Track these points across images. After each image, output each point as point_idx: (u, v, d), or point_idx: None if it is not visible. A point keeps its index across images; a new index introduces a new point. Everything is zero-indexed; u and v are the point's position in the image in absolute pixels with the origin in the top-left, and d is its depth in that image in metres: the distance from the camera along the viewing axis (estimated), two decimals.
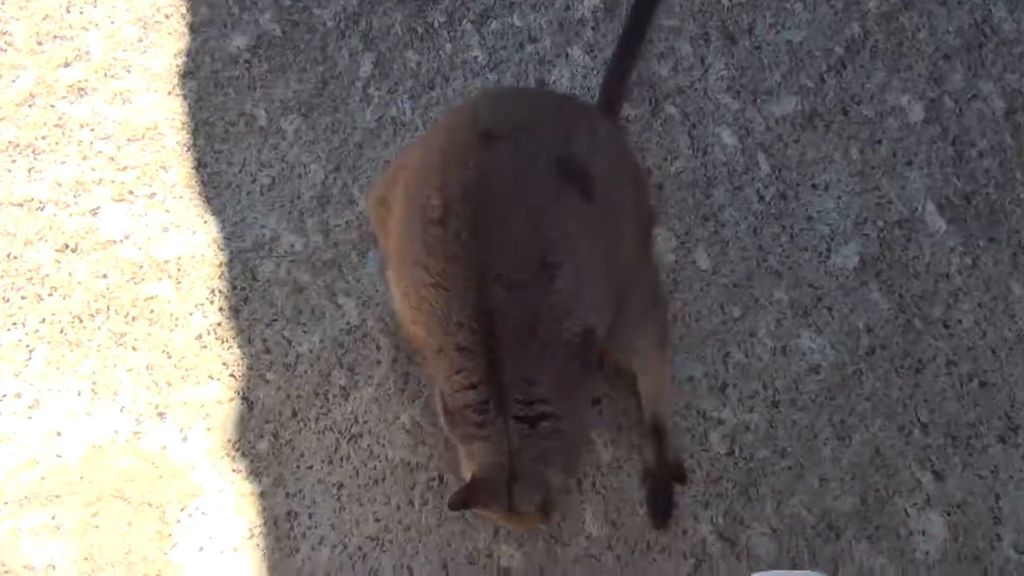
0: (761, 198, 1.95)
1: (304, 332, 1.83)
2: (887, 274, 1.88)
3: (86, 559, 1.62)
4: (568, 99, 1.86)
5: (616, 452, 1.72)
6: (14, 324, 1.83)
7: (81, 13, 2.14)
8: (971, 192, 1.96)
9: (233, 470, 1.72)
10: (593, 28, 2.12)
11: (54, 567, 1.61)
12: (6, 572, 1.60)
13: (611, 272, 1.51)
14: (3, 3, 2.14)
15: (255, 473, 1.72)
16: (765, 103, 2.04)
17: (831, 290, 1.86)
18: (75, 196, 1.95)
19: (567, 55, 2.10)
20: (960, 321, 1.84)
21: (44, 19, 2.13)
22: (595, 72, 2.07)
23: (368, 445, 1.74)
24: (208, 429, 1.75)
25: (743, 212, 1.94)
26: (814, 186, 1.96)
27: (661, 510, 1.68)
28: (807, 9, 2.13)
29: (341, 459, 1.73)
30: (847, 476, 1.72)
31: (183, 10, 2.15)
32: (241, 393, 1.78)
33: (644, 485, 1.70)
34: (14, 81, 2.06)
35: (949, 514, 1.69)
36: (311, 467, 1.72)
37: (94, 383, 1.79)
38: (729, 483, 1.71)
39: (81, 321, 1.84)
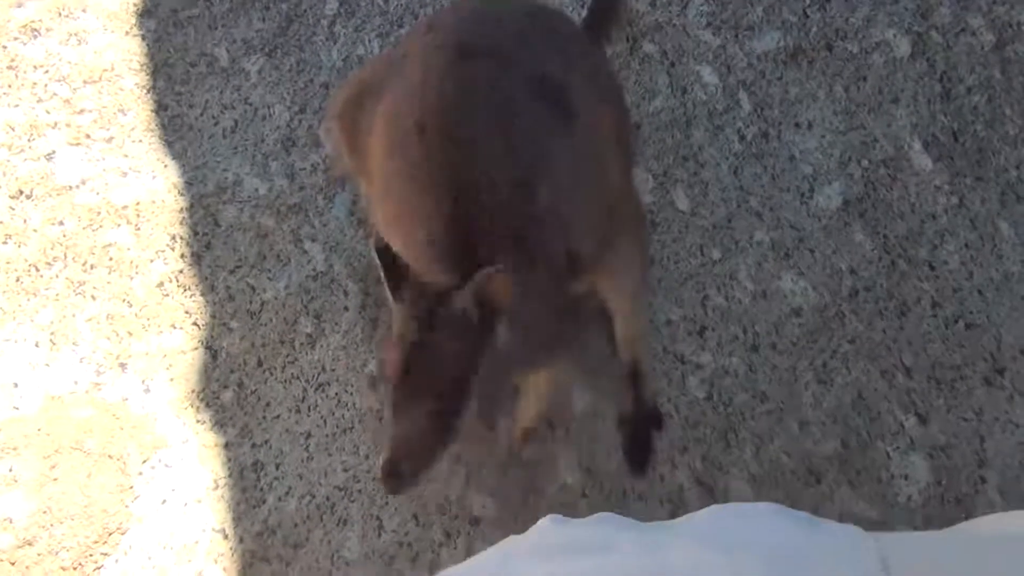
0: (742, 138, 1.89)
1: (269, 279, 1.77)
2: (871, 215, 1.82)
3: (44, 512, 1.57)
4: (544, 11, 1.70)
5: (591, 398, 1.68)
6: None
7: None
8: (958, 129, 1.89)
9: (197, 421, 1.67)
10: None
11: (11, 520, 1.56)
12: None
13: (595, 195, 1.44)
14: None
15: (220, 424, 1.67)
16: (746, 39, 1.97)
17: (813, 231, 1.81)
18: (29, 140, 1.87)
19: None
20: (946, 262, 1.79)
21: None
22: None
23: (336, 393, 1.68)
24: (171, 379, 1.70)
25: (723, 152, 1.87)
26: (797, 125, 1.90)
27: (638, 456, 1.64)
28: None
29: (308, 408, 1.68)
30: (828, 420, 1.67)
31: None
32: (204, 342, 1.72)
33: (620, 431, 1.65)
34: None
35: (932, 457, 1.65)
36: (277, 417, 1.67)
37: (52, 333, 1.72)
38: (707, 428, 1.66)
39: (38, 269, 1.77)
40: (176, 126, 1.89)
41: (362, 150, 1.48)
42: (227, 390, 1.69)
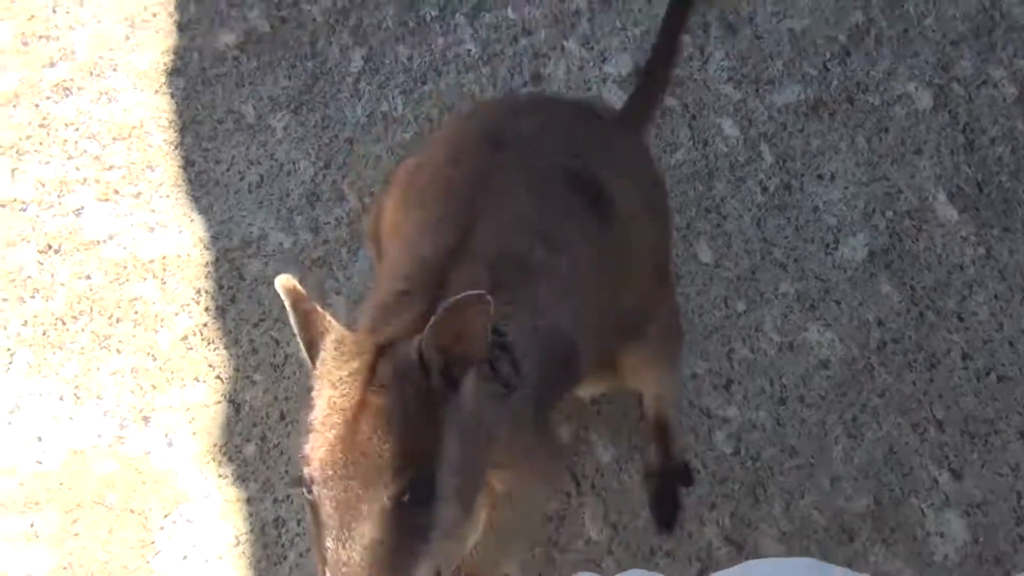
0: (764, 189, 1.89)
1: (292, 332, 1.77)
2: (898, 266, 1.81)
3: (65, 568, 1.56)
4: (584, 109, 1.64)
5: (616, 452, 1.65)
6: None
7: (68, 13, 2.10)
8: (983, 180, 1.89)
9: (219, 475, 1.66)
10: (589, 20, 2.07)
11: None
12: None
13: (614, 302, 1.35)
14: None
15: (242, 478, 1.66)
16: (767, 92, 1.98)
17: (839, 283, 1.79)
18: (59, 196, 1.90)
19: (562, 48, 2.04)
20: (975, 313, 1.76)
21: (30, 19, 2.09)
22: (591, 64, 2.02)
23: None
24: (194, 433, 1.69)
25: (746, 204, 1.87)
26: (819, 176, 1.90)
27: (666, 512, 1.60)
28: None
29: None
30: (860, 475, 1.64)
31: (171, 8, 2.11)
32: (228, 396, 1.72)
33: (647, 486, 1.62)
34: None
35: (969, 514, 1.61)
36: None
37: (77, 387, 1.73)
38: (735, 484, 1.63)
39: (64, 323, 1.78)
40: (203, 181, 1.92)
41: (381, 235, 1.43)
42: (249, 444, 1.68)
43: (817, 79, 1.99)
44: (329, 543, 0.94)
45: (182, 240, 1.86)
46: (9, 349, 1.76)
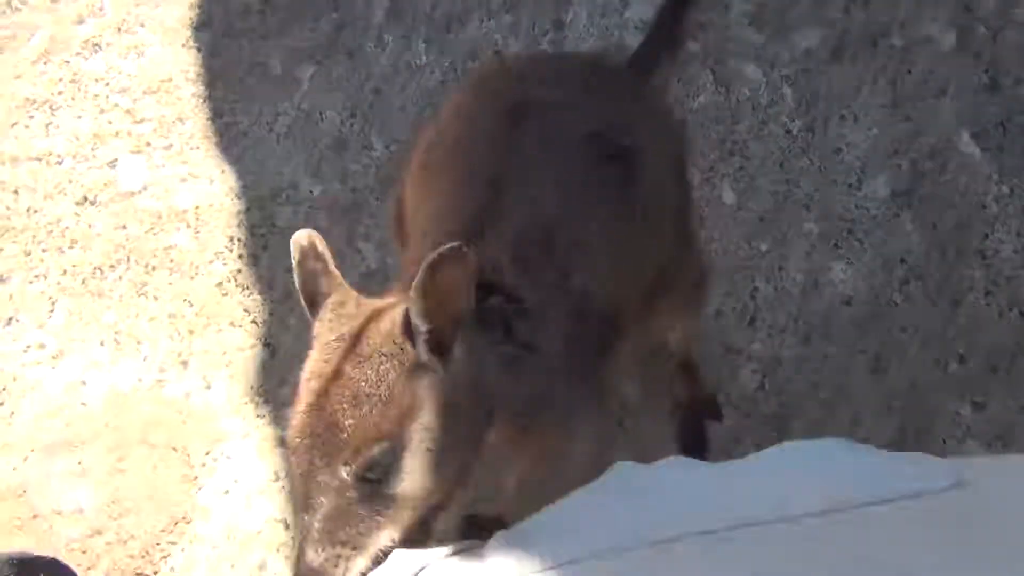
0: (787, 131, 1.90)
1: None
2: (920, 205, 1.82)
3: (113, 502, 1.62)
4: (603, 66, 1.60)
5: (644, 389, 1.69)
6: (36, 277, 1.83)
7: None
8: (1006, 120, 1.89)
9: (256, 416, 1.71)
10: None
11: (81, 511, 1.60)
12: (36, 517, 1.60)
13: (645, 258, 1.34)
14: None
15: (278, 419, 1.71)
16: (789, 36, 1.99)
17: (863, 221, 1.81)
18: (93, 149, 1.94)
19: None
20: (997, 250, 1.78)
21: None
22: (613, 10, 2.03)
23: None
24: (231, 376, 1.74)
25: (769, 146, 1.89)
26: (842, 118, 1.91)
27: (693, 447, 1.64)
28: None
29: None
30: (882, 409, 1.67)
31: None
32: (263, 339, 1.77)
33: (675, 421, 1.66)
34: (29, 39, 2.06)
35: (990, 445, 1.64)
36: None
37: (117, 333, 1.78)
38: (760, 418, 1.67)
39: (102, 272, 1.83)
40: (232, 133, 1.95)
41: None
42: (285, 386, 1.73)
43: (840, 22, 1.99)
44: (298, 507, 0.95)
45: (214, 190, 1.90)
46: (51, 298, 1.81)
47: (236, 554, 1.58)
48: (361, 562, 0.94)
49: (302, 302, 1.04)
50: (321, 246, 1.04)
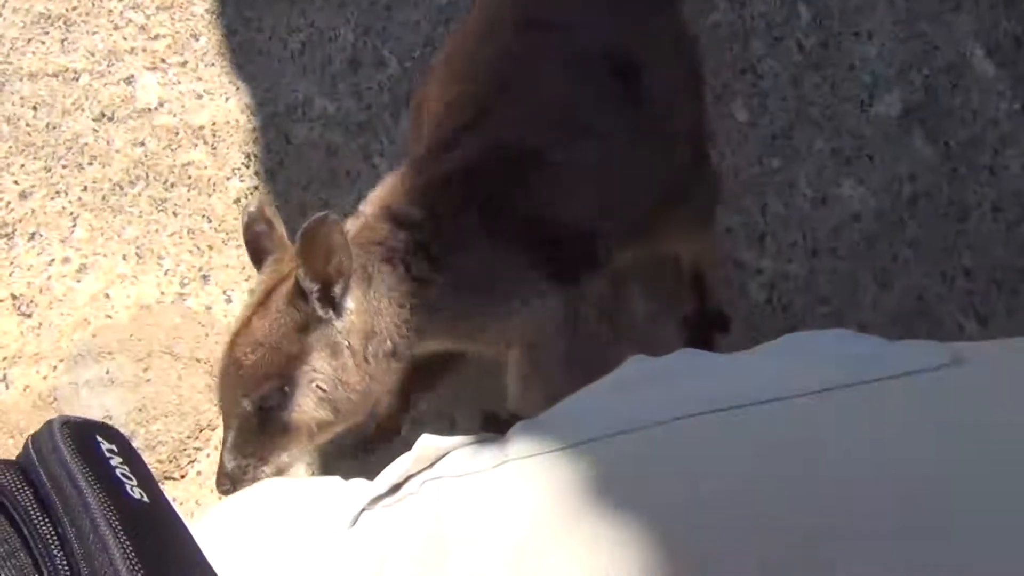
0: (801, 48, 1.90)
1: (340, 194, 1.84)
2: (932, 122, 1.83)
3: (140, 410, 1.68)
4: None
5: (653, 304, 1.73)
6: (57, 193, 1.86)
7: None
8: (1022, 35, 1.88)
9: None
10: None
11: (111, 417, 1.66)
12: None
13: (652, 179, 1.36)
14: None
15: None
16: None
17: (873, 139, 1.82)
18: (108, 65, 1.95)
19: None
20: (1007, 167, 1.79)
21: None
22: None
23: None
24: (251, 290, 1.78)
25: (783, 63, 1.88)
26: (856, 34, 1.90)
27: None
28: None
29: None
30: (888, 322, 1.70)
31: None
32: None
33: (683, 333, 1.70)
34: None
35: None
36: None
37: (138, 247, 1.82)
38: (768, 332, 1.70)
39: (121, 188, 1.86)
40: (246, 49, 1.96)
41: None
42: None
43: None
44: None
45: (229, 107, 1.91)
46: (72, 213, 1.84)
47: None
48: (266, 470, 1.14)
49: (250, 260, 1.22)
50: (269, 212, 1.22)
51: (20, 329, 1.74)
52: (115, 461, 0.55)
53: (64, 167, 1.87)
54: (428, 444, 0.71)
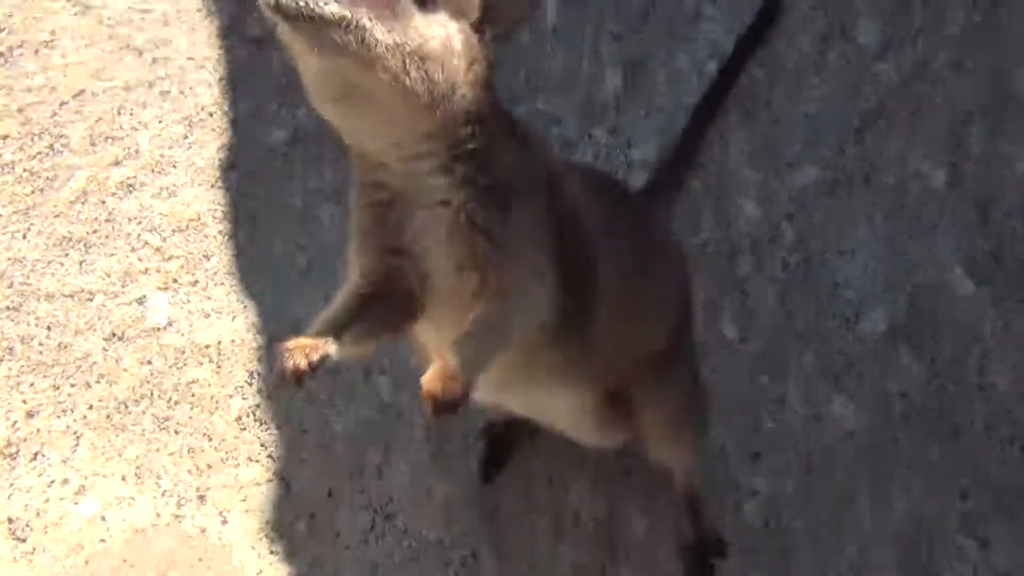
0: (786, 265, 1.97)
1: (340, 411, 1.87)
2: (917, 338, 1.87)
3: None
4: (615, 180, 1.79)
5: (649, 523, 1.72)
6: (63, 411, 1.90)
7: (131, 115, 2.27)
8: (999, 253, 1.95)
9: (271, 552, 1.75)
10: (615, 109, 2.19)
11: None
12: None
13: (633, 313, 1.41)
14: (60, 109, 2.28)
15: (293, 554, 1.75)
16: (786, 173, 2.08)
17: (861, 355, 1.86)
18: (123, 286, 2.04)
19: (590, 136, 2.17)
20: (995, 383, 1.82)
21: (97, 121, 2.26)
22: (618, 151, 2.13)
23: (403, 523, 1.75)
24: (247, 511, 1.79)
25: (769, 280, 1.96)
26: (840, 252, 1.98)
27: None
28: (823, 83, 2.17)
29: (376, 538, 1.75)
30: (888, 545, 1.68)
31: (225, 107, 2.27)
32: (279, 474, 1.82)
33: (681, 559, 1.68)
34: (68, 180, 2.19)
35: None
36: (347, 547, 1.74)
37: (138, 467, 1.84)
38: (766, 555, 1.69)
39: (126, 407, 1.90)
40: (255, 268, 2.05)
41: None
42: (300, 521, 1.77)
43: (834, 160, 2.09)
44: None
45: (236, 325, 1.98)
46: (76, 432, 1.88)
47: None
48: (333, 8, 0.98)
49: None
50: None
51: (14, 555, 1.74)
52: None
53: (72, 385, 1.93)
54: None
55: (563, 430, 1.59)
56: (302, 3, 0.96)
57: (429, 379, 1.11)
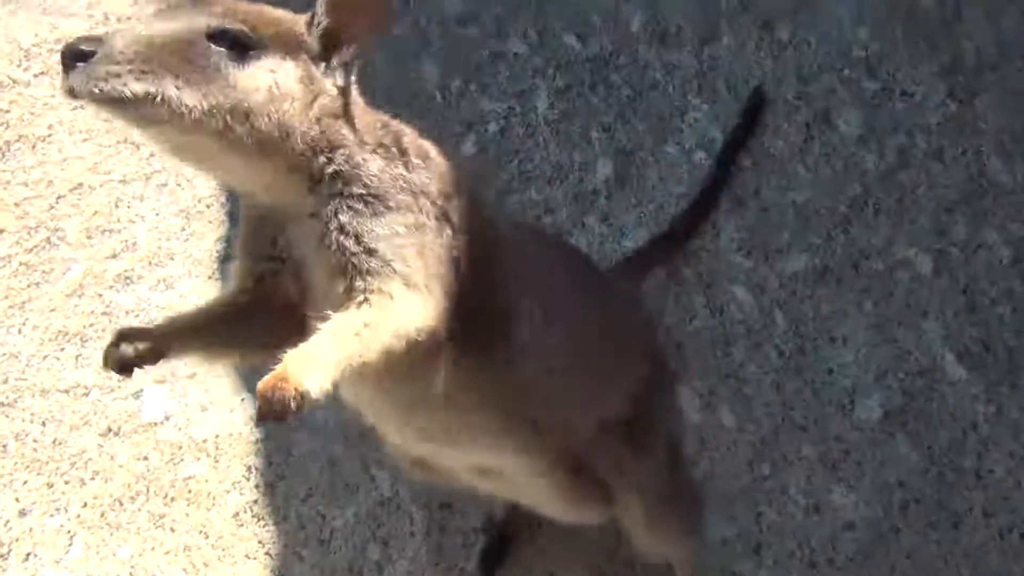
0: (780, 353, 2.00)
1: (338, 506, 1.86)
2: (913, 425, 1.89)
3: None
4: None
5: None
6: (57, 510, 1.87)
7: (129, 207, 2.29)
8: (988, 340, 1.99)
9: None
10: (606, 198, 2.23)
11: None
12: None
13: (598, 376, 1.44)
14: (57, 203, 2.30)
15: None
16: (776, 261, 2.12)
17: (859, 444, 1.88)
18: (119, 380, 2.03)
19: (583, 224, 2.20)
20: (992, 471, 1.83)
21: (95, 214, 2.28)
22: (610, 239, 2.17)
23: None
24: None
25: (764, 368, 1.98)
26: (832, 339, 2.01)
27: None
28: (809, 171, 2.23)
29: None
30: None
31: (222, 199, 2.30)
32: (276, 572, 1.79)
33: None
34: (65, 274, 2.19)
35: None
36: None
37: (133, 567, 1.81)
38: None
39: (121, 504, 1.88)
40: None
41: None
42: None
43: (823, 247, 2.13)
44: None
45: (233, 419, 1.97)
46: (69, 531, 1.85)
47: None
48: (135, 87, 1.00)
49: None
50: None
51: None
52: None
53: (66, 483, 1.90)
54: None
55: (537, 505, 1.55)
56: (104, 87, 0.98)
57: (264, 380, 1.04)
